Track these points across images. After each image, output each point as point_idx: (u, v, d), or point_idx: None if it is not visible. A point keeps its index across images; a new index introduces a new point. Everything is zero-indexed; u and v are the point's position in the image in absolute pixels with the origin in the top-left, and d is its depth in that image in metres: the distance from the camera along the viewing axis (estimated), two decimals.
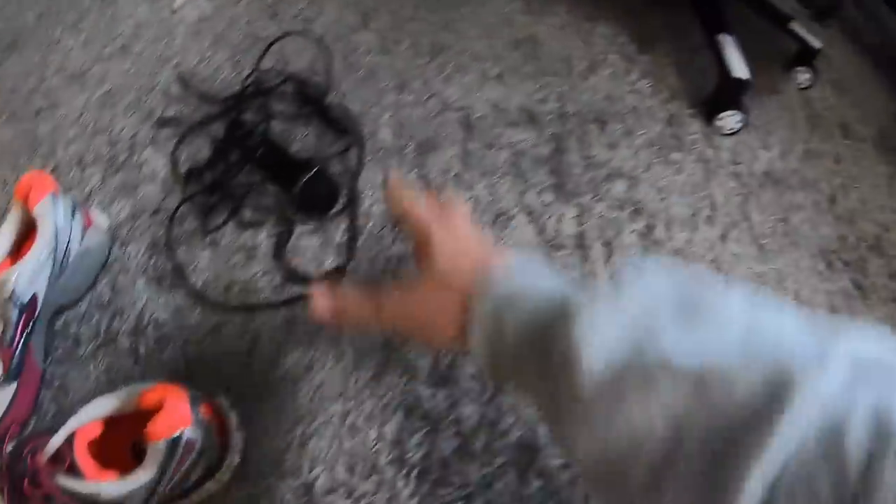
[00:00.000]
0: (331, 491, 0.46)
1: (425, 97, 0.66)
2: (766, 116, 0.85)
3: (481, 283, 0.34)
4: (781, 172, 0.80)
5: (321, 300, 0.39)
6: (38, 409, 0.49)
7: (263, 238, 0.56)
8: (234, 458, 0.47)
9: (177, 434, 0.41)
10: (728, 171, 0.75)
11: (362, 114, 0.62)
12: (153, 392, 0.42)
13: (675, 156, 0.71)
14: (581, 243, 0.59)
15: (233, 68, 0.66)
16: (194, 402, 0.43)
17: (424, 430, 0.48)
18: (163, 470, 0.42)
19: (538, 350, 0.30)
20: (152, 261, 0.55)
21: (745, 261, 0.69)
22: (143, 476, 0.41)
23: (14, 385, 0.48)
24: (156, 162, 0.60)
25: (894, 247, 0.83)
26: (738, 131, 0.79)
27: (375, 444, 0.48)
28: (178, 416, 0.42)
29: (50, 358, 0.51)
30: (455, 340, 0.36)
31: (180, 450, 0.42)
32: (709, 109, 0.77)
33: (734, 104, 0.77)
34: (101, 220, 0.55)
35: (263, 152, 0.58)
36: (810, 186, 0.82)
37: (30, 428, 0.48)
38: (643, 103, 0.73)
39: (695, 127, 0.76)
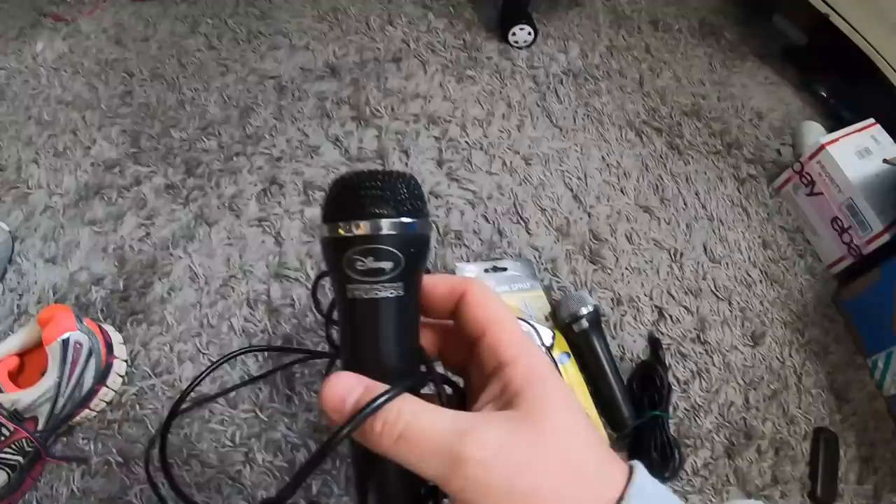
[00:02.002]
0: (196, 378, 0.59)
1: (245, 74, 0.80)
2: (564, 27, 0.97)
3: None
4: (581, 69, 0.92)
5: (347, 382, 0.24)
6: None
7: None
8: (121, 365, 0.60)
9: (66, 336, 0.53)
10: (524, 75, 0.87)
11: (191, 100, 0.77)
12: (45, 312, 0.55)
13: (470, 73, 0.84)
14: (381, 154, 0.72)
15: (90, 91, 0.80)
16: (79, 318, 0.56)
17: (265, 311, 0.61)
18: (61, 370, 0.53)
19: None
20: (47, 245, 0.68)
21: (545, 141, 0.81)
22: (47, 379, 0.53)
23: None
24: (39, 174, 0.74)
25: (714, 110, 0.94)
26: (531, 43, 0.91)
27: (229, 333, 0.61)
28: (64, 324, 0.54)
29: None
30: None
31: (71, 349, 0.54)
32: (502, 28, 0.90)
33: (522, 18, 0.89)
34: (2, 224, 0.69)
35: None
36: (615, 74, 0.93)
37: None
38: (438, 38, 0.87)
39: (491, 47, 0.88)
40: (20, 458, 0.53)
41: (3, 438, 0.52)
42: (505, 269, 0.68)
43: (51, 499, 0.54)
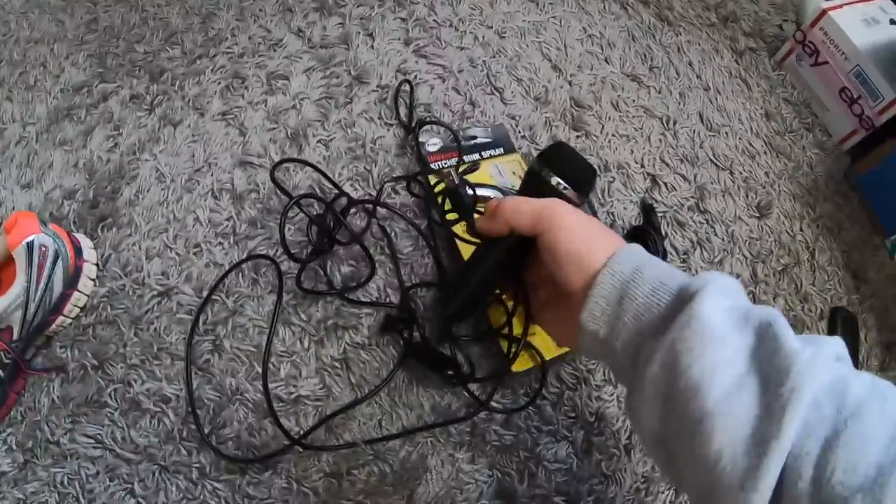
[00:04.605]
0: (163, 273, 0.58)
1: None
2: None
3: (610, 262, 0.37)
4: None
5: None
6: None
7: None
8: (91, 268, 0.59)
9: (30, 238, 0.53)
10: None
11: (154, 15, 0.76)
12: (10, 220, 0.55)
13: None
14: (345, 40, 0.70)
15: (57, 26, 0.80)
16: (43, 222, 0.56)
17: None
18: (28, 274, 0.53)
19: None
20: (22, 172, 0.68)
21: (520, 16, 0.77)
22: (16, 285, 0.53)
23: None
24: (12, 109, 0.73)
25: None
26: None
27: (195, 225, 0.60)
28: (27, 227, 0.54)
29: None
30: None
31: (36, 252, 0.54)
32: None
33: None
34: None
35: None
36: None
37: None
38: None
39: None
40: (0, 372, 0.53)
41: None
42: (474, 138, 0.65)
43: (34, 411, 0.54)
